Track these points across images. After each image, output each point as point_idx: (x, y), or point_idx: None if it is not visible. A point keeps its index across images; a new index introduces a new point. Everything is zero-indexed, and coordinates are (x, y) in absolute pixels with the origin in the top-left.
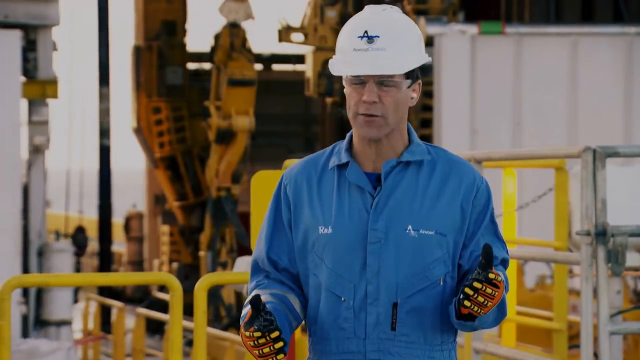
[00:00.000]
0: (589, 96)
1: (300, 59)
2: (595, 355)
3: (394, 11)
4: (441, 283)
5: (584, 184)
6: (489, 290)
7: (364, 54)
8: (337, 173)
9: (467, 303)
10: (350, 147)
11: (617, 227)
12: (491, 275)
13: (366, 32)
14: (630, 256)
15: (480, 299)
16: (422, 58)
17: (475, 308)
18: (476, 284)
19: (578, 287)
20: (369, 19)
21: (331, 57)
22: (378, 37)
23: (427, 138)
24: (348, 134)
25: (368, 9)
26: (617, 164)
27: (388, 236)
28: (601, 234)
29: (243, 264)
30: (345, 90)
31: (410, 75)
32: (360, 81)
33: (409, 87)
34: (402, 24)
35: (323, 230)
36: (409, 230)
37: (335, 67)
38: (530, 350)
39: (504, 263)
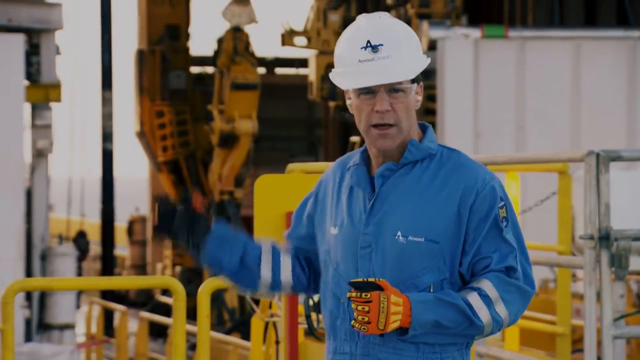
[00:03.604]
0: (592, 100)
1: (303, 62)
2: (599, 359)
3: (389, 17)
4: (431, 290)
5: (587, 188)
6: (360, 307)
7: (371, 64)
8: (350, 174)
9: (352, 322)
10: (367, 149)
11: (620, 231)
12: (348, 295)
13: (369, 42)
14: (633, 260)
15: (360, 317)
16: (425, 61)
17: (358, 326)
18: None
19: (581, 291)
20: (368, 28)
21: (333, 62)
22: (382, 45)
23: None
24: None
25: (364, 18)
26: (621, 168)
27: (378, 241)
28: (604, 238)
29: None
30: (350, 102)
31: (414, 78)
32: (369, 91)
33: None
34: (400, 29)
35: (332, 231)
36: (398, 236)
37: (343, 80)
38: (533, 354)
39: (509, 271)
